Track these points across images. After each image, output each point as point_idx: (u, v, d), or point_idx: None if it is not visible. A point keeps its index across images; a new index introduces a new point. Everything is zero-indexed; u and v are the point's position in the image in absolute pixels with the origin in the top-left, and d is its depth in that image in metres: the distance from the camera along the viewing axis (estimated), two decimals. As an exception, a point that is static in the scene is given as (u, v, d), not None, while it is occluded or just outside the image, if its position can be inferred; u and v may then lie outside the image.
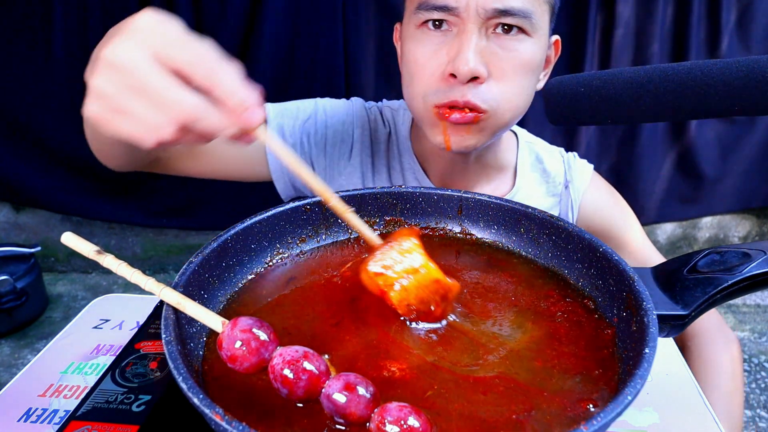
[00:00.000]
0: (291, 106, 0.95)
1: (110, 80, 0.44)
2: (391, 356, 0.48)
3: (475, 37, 0.72)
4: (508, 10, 0.71)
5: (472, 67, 0.71)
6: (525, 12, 0.72)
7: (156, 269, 2.69)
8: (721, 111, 0.47)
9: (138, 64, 0.43)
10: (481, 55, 0.72)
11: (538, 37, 0.75)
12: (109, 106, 0.45)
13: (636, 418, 0.66)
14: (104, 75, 0.44)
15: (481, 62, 0.72)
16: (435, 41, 0.75)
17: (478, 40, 0.72)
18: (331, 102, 0.97)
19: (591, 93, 0.52)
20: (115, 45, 0.44)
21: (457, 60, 0.71)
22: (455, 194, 0.67)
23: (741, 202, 2.66)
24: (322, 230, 0.66)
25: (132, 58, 0.43)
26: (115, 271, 0.48)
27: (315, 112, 0.94)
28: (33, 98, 2.24)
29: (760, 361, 2.19)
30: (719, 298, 0.49)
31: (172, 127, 0.43)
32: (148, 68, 0.43)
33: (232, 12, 2.12)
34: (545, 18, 0.77)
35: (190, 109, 0.43)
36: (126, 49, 0.43)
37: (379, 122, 0.97)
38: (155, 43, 0.43)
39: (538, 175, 0.97)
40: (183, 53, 0.43)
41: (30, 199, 2.46)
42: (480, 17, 0.71)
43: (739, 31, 2.32)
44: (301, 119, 0.93)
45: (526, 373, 0.47)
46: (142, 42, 0.43)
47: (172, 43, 0.43)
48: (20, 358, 2.12)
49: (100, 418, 0.53)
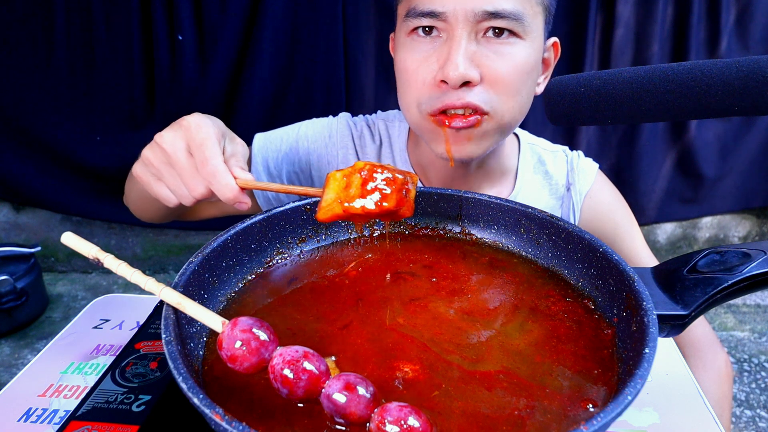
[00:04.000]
0: (275, 136, 0.95)
1: (155, 155, 0.63)
2: (403, 356, 0.48)
3: (465, 41, 0.71)
4: (498, 12, 0.70)
5: (462, 72, 0.70)
6: (516, 14, 0.71)
7: (156, 269, 2.69)
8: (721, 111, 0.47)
9: (175, 150, 0.61)
10: (471, 60, 0.71)
11: (531, 39, 0.74)
12: (150, 171, 0.65)
13: (636, 418, 0.66)
14: (153, 150, 0.63)
15: (471, 66, 0.71)
16: (425, 48, 0.74)
17: (468, 44, 0.71)
18: (313, 126, 0.97)
19: (591, 93, 0.52)
20: (166, 132, 0.62)
21: (446, 66, 0.70)
22: (455, 194, 0.67)
23: (741, 202, 2.66)
24: (322, 230, 0.66)
25: (173, 143, 0.61)
26: (115, 271, 0.48)
27: (297, 140, 0.95)
28: (34, 98, 2.24)
29: (760, 361, 2.19)
30: (719, 298, 0.49)
31: (191, 199, 0.63)
32: (181, 155, 0.61)
33: (232, 12, 2.12)
34: (538, 20, 0.75)
35: (201, 193, 0.61)
36: (170, 137, 0.62)
37: (366, 138, 0.97)
38: (190, 138, 0.61)
39: (540, 177, 0.97)
40: (198, 154, 0.60)
41: (30, 199, 2.46)
42: (469, 21, 0.70)
43: (738, 31, 2.32)
44: (284, 151, 0.94)
45: (528, 369, 0.47)
46: (182, 136, 0.61)
47: (197, 145, 0.60)
48: (20, 358, 2.12)
49: (100, 418, 0.53)
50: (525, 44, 0.74)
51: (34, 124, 2.28)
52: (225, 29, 2.14)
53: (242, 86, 2.22)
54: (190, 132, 0.61)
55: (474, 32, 0.71)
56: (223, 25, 2.14)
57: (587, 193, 0.96)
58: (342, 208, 0.56)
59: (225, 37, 2.15)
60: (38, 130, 2.28)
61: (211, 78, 2.20)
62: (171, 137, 0.61)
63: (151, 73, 2.22)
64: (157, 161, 0.63)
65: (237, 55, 2.18)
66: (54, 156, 2.32)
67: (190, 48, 2.17)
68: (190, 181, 0.61)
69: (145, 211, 0.91)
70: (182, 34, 2.15)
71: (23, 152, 2.32)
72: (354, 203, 0.55)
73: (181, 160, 0.61)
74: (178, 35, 2.15)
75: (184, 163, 0.61)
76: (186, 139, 0.61)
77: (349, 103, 2.24)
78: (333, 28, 2.15)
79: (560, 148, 1.00)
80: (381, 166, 0.57)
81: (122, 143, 2.26)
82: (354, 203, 0.55)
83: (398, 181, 0.57)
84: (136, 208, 0.92)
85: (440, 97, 0.73)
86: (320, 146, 0.95)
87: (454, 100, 0.72)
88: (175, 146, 0.61)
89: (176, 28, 2.14)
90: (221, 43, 2.16)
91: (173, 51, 2.18)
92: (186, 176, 0.61)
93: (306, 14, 2.14)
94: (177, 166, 0.61)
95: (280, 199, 0.94)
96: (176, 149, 0.61)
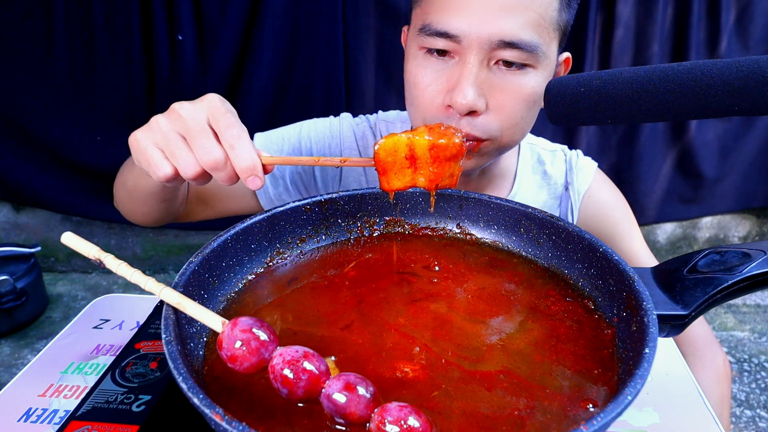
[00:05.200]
0: (276, 136, 0.95)
1: (172, 121, 0.58)
2: (404, 357, 0.48)
3: (476, 69, 0.69)
4: (515, 43, 0.68)
5: (470, 101, 0.69)
6: (531, 46, 0.69)
7: (156, 269, 2.69)
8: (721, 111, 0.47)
9: (195, 118, 0.57)
10: (480, 88, 0.70)
11: (543, 67, 0.73)
12: (153, 137, 0.58)
13: (636, 418, 0.66)
14: (169, 117, 0.58)
15: (479, 95, 0.70)
16: (436, 67, 0.73)
17: (479, 71, 0.69)
18: (315, 126, 0.96)
19: (591, 93, 0.52)
20: (185, 103, 0.59)
21: (455, 92, 0.70)
22: (455, 194, 0.67)
23: (741, 202, 2.66)
24: (322, 230, 0.66)
25: (193, 112, 0.57)
26: (115, 271, 0.48)
27: (299, 140, 0.94)
28: (34, 98, 2.24)
29: (760, 361, 2.19)
30: (719, 298, 0.49)
31: (197, 168, 0.57)
32: (202, 123, 0.57)
33: (232, 12, 2.12)
34: (553, 45, 0.73)
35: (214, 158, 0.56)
36: (190, 107, 0.58)
37: (369, 138, 0.96)
38: (214, 109, 0.57)
39: (538, 177, 0.97)
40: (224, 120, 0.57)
41: (30, 199, 2.46)
42: (483, 48, 0.68)
43: (738, 31, 2.32)
44: (286, 151, 0.93)
45: (528, 369, 0.47)
46: (204, 107, 0.58)
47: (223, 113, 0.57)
48: (20, 358, 2.12)
49: (100, 418, 0.53)
50: (537, 73, 0.72)
51: (34, 124, 2.28)
52: (225, 29, 2.14)
53: (242, 86, 2.22)
54: (214, 105, 0.58)
55: (487, 59, 0.70)
56: (223, 25, 2.14)
57: (586, 192, 0.96)
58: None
59: (225, 37, 2.15)
60: (38, 130, 2.28)
61: (211, 78, 2.19)
62: (191, 107, 0.58)
63: (151, 73, 2.21)
64: (168, 128, 0.58)
65: (237, 55, 2.18)
66: (54, 156, 2.32)
67: (190, 48, 2.17)
68: (206, 144, 0.56)
69: (136, 208, 0.85)
70: (182, 34, 2.15)
71: (23, 152, 2.31)
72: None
73: (200, 126, 0.57)
74: (178, 35, 2.15)
75: (203, 129, 0.57)
76: (208, 111, 0.58)
77: (349, 103, 2.24)
78: (333, 28, 2.15)
79: (559, 147, 1.01)
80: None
81: (122, 143, 2.25)
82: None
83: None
84: (127, 207, 0.87)
85: (445, 120, 0.73)
86: (323, 146, 0.94)
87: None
88: (196, 115, 0.57)
89: (176, 28, 2.14)
90: (221, 43, 2.16)
91: (173, 51, 2.17)
92: (202, 140, 0.56)
93: (306, 14, 2.14)
94: (193, 131, 0.57)
95: (282, 198, 0.94)
96: (197, 118, 0.57)
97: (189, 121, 0.57)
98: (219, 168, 0.56)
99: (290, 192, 0.94)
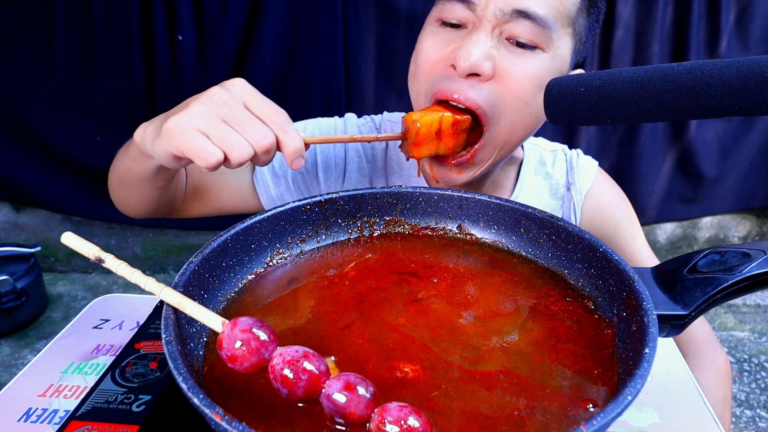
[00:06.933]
0: None
1: (209, 108, 0.58)
2: (404, 357, 0.48)
3: (486, 36, 0.70)
4: (529, 13, 0.68)
5: (473, 61, 0.69)
6: (544, 20, 0.69)
7: (156, 269, 2.69)
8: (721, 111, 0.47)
9: (237, 103, 0.58)
10: (487, 54, 0.70)
11: (552, 53, 0.72)
12: (195, 124, 0.57)
13: (636, 418, 0.66)
14: (206, 103, 0.58)
15: (485, 58, 0.70)
16: (447, 36, 0.74)
17: (488, 39, 0.70)
18: (320, 125, 0.96)
19: (591, 93, 0.52)
20: (215, 88, 0.59)
21: (459, 51, 0.70)
22: (455, 194, 0.67)
23: (741, 202, 2.67)
24: (322, 230, 0.66)
25: (230, 98, 0.58)
26: (115, 271, 0.48)
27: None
28: (34, 98, 2.24)
29: (760, 361, 2.19)
30: (719, 298, 0.49)
31: (249, 149, 0.57)
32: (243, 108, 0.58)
33: (232, 12, 2.12)
34: (565, 41, 0.74)
35: (270, 142, 0.58)
36: (224, 93, 0.59)
37: None
38: (249, 94, 0.59)
39: (540, 178, 0.97)
40: (268, 105, 0.60)
41: (30, 199, 2.46)
42: (497, 17, 0.69)
43: (738, 31, 2.32)
44: None
45: (528, 369, 0.47)
46: (237, 93, 0.59)
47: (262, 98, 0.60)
48: (20, 358, 2.12)
49: (100, 418, 0.53)
50: (546, 57, 0.72)
51: (34, 124, 2.28)
52: (225, 29, 2.14)
53: (242, 86, 2.23)
54: (249, 90, 0.60)
55: (499, 32, 0.70)
56: (223, 25, 2.14)
57: (587, 192, 0.96)
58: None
59: (225, 37, 2.15)
60: (38, 130, 2.28)
61: (211, 78, 2.19)
62: (225, 93, 0.59)
63: (151, 73, 2.22)
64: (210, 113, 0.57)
65: (237, 55, 2.18)
66: (54, 156, 2.32)
67: (190, 48, 2.17)
68: (259, 129, 0.58)
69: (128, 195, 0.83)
70: (182, 34, 2.15)
71: (23, 152, 2.32)
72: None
73: (244, 112, 0.58)
74: (178, 35, 2.15)
75: (249, 114, 0.58)
76: (245, 96, 0.59)
77: (349, 103, 2.24)
78: (333, 28, 2.15)
79: (559, 147, 1.00)
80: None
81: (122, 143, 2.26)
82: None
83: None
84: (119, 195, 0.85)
85: (446, 81, 0.72)
86: (328, 146, 0.94)
87: (456, 90, 0.71)
88: (236, 101, 0.58)
89: (176, 28, 2.14)
90: (221, 43, 2.16)
91: (173, 51, 2.18)
92: (254, 125, 0.58)
93: (306, 15, 2.14)
94: (239, 116, 0.58)
95: (284, 198, 0.93)
96: (238, 103, 0.58)
97: (233, 107, 0.58)
98: (271, 151, 0.59)
99: (292, 192, 0.94)
